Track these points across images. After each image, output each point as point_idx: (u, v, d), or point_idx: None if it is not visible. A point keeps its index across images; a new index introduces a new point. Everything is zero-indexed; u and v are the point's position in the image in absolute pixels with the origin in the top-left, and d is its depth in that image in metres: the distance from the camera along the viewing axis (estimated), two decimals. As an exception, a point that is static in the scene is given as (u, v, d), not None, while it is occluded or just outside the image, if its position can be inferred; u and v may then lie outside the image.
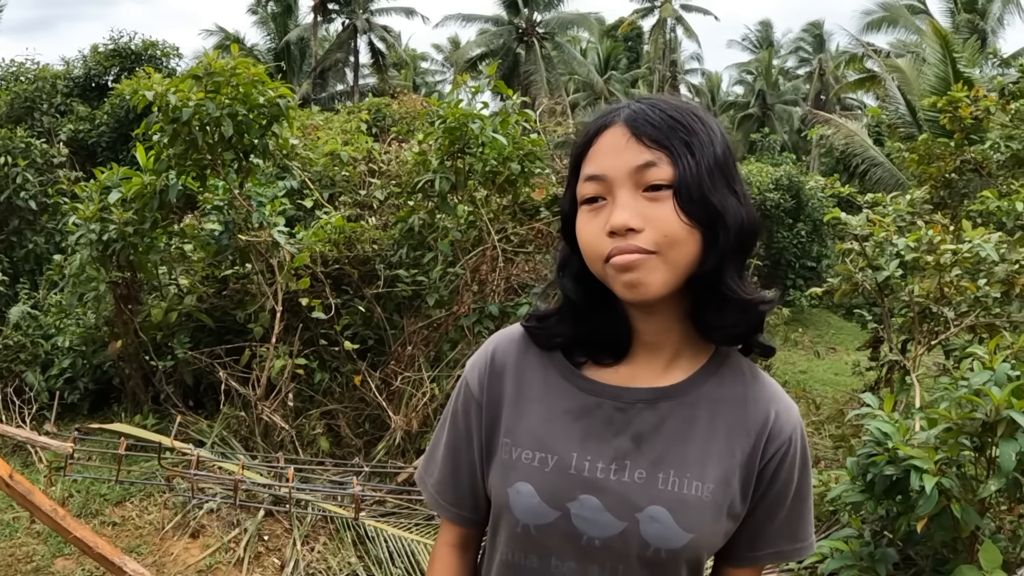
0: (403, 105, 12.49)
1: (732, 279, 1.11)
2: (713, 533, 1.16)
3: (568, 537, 1.15)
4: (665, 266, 1.06)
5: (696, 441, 1.16)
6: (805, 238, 14.97)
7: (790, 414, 1.20)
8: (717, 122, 1.15)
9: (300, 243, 5.89)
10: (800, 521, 1.24)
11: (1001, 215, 5.66)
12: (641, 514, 1.13)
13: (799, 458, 1.20)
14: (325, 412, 5.95)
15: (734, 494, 1.16)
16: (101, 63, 14.00)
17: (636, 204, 1.06)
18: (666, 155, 1.06)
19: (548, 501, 1.15)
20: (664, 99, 1.13)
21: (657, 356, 1.20)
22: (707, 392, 1.18)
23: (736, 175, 1.13)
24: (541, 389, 1.22)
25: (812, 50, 42.59)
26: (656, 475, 1.14)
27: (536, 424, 1.20)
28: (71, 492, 5.10)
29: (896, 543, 3.45)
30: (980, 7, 23.50)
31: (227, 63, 5.51)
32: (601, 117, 1.14)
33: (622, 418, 1.17)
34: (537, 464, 1.17)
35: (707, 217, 1.07)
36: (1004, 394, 2.93)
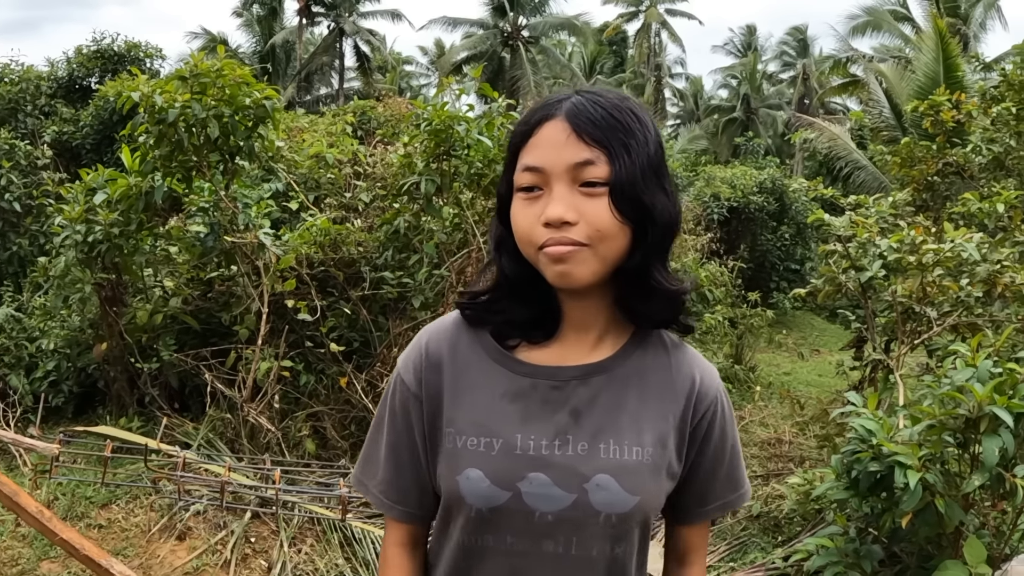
0: (388, 108, 12.49)
1: (658, 271, 1.19)
2: (655, 494, 1.23)
3: (521, 515, 1.19)
4: (595, 258, 1.13)
5: (630, 410, 1.23)
6: (789, 241, 15.03)
7: (712, 376, 1.31)
8: (652, 120, 1.20)
9: (286, 245, 5.88)
10: (737, 471, 1.35)
11: (982, 217, 5.72)
12: (588, 484, 1.18)
13: (728, 417, 1.32)
14: (311, 414, 5.94)
15: (671, 455, 1.25)
16: (84, 64, 13.91)
17: (572, 198, 1.11)
18: (604, 154, 1.11)
19: (498, 483, 1.19)
20: (605, 94, 1.17)
21: (585, 335, 1.25)
22: (634, 364, 1.26)
23: (666, 173, 1.19)
24: (477, 376, 1.25)
25: (796, 54, 42.84)
26: (597, 445, 1.20)
27: (477, 410, 1.23)
28: (56, 495, 5.07)
29: (881, 540, 3.48)
30: (963, 12, 23.71)
31: (213, 64, 5.50)
32: (543, 108, 1.17)
33: (558, 396, 1.22)
34: (483, 449, 1.21)
35: (638, 215, 1.13)
36: (987, 390, 2.97)
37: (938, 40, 11.60)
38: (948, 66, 11.36)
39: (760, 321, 10.30)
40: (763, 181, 14.85)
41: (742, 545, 4.97)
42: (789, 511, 4.96)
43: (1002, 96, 7.06)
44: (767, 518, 5.16)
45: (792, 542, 4.74)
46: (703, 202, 13.91)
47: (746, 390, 9.02)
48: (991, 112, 7.07)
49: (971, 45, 23.01)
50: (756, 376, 9.54)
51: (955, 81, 11.02)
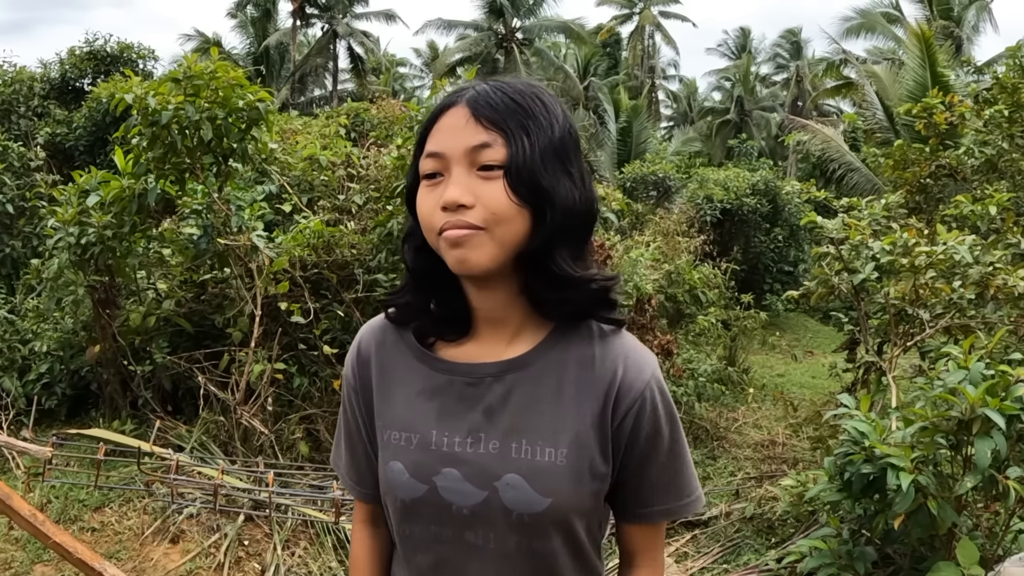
0: (382, 110, 12.46)
1: (562, 258, 1.16)
2: (575, 495, 1.20)
3: (439, 507, 1.22)
4: (492, 242, 1.12)
5: (544, 409, 1.21)
6: (782, 243, 15.05)
7: (641, 370, 1.23)
8: (563, 107, 1.20)
9: (279, 247, 5.87)
10: (680, 476, 1.28)
11: (975, 219, 5.74)
12: (499, 482, 1.19)
13: (661, 413, 1.24)
14: (304, 416, 5.93)
15: (592, 455, 1.20)
16: (77, 66, 13.90)
17: (469, 182, 1.11)
18: (501, 137, 1.11)
19: (416, 476, 1.22)
20: (511, 82, 1.18)
21: (501, 331, 1.25)
22: (552, 359, 1.23)
23: (574, 159, 1.18)
24: (401, 373, 1.29)
25: (789, 57, 42.94)
26: (509, 445, 1.20)
27: (399, 406, 1.27)
28: (49, 498, 5.04)
29: (874, 541, 3.49)
30: (956, 15, 23.79)
31: (207, 66, 5.49)
32: (448, 97, 1.19)
33: (473, 393, 1.23)
34: (404, 443, 1.25)
35: (536, 198, 1.12)
36: (979, 392, 2.98)
37: (923, 45, 11.65)
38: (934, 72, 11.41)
39: (753, 323, 10.31)
40: (756, 183, 14.88)
41: (735, 547, 4.98)
42: (782, 513, 4.97)
43: (994, 99, 7.08)
44: (760, 520, 5.17)
45: (785, 544, 4.75)
46: (696, 204, 13.93)
47: (739, 392, 9.03)
48: (983, 115, 7.10)
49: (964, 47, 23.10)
50: (749, 378, 9.55)
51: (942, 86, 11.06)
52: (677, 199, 15.22)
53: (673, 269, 9.19)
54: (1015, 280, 4.53)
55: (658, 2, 42.23)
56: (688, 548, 4.98)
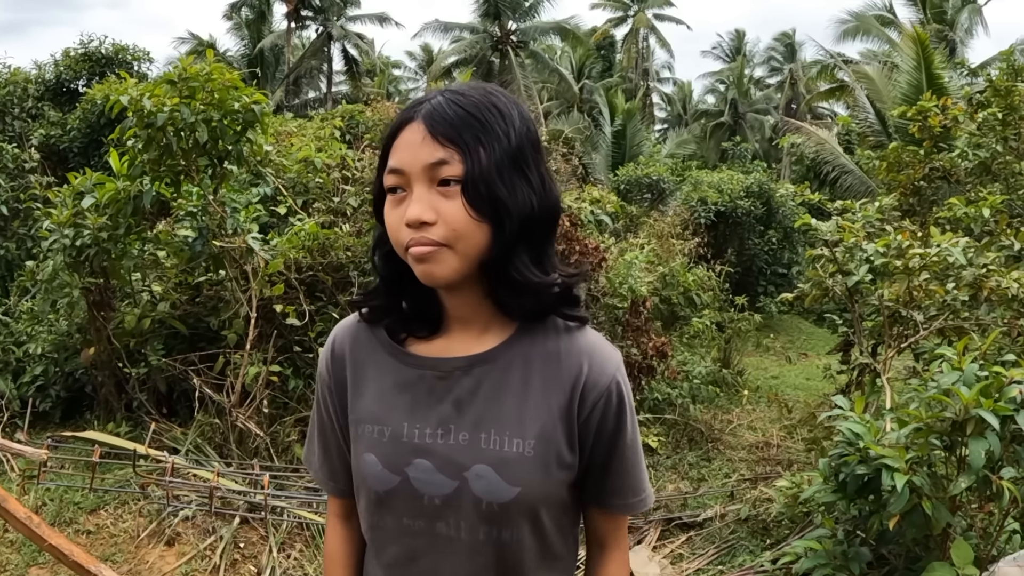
0: (376, 112, 12.47)
1: (522, 264, 1.20)
2: (542, 485, 1.24)
3: (411, 498, 1.25)
4: (456, 256, 1.16)
5: (512, 400, 1.24)
6: (776, 245, 15.09)
7: (606, 365, 1.27)
8: (520, 111, 1.22)
9: (274, 249, 5.87)
10: (635, 470, 1.33)
11: (968, 221, 5.76)
12: (468, 472, 1.22)
13: (626, 406, 1.29)
14: (299, 419, 5.92)
15: (559, 446, 1.24)
16: (72, 67, 13.87)
17: (430, 198, 1.14)
18: (457, 152, 1.13)
19: (388, 467, 1.26)
20: (466, 92, 1.19)
21: (469, 328, 1.29)
22: (519, 352, 1.27)
23: (532, 163, 1.20)
24: (373, 369, 1.33)
25: (783, 59, 43.03)
26: (479, 435, 1.23)
27: (371, 400, 1.31)
28: (44, 500, 5.03)
29: (869, 542, 3.50)
30: (949, 18, 23.88)
31: (202, 68, 5.49)
32: (406, 111, 1.21)
33: (443, 386, 1.26)
34: (376, 436, 1.28)
35: (494, 210, 1.15)
36: (973, 393, 3.00)
37: (919, 47, 11.68)
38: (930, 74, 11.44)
39: (748, 325, 10.33)
40: (750, 185, 14.91)
41: (730, 548, 4.99)
42: (777, 514, 4.99)
43: (988, 102, 7.11)
44: (755, 521, 5.18)
45: (780, 545, 4.76)
46: (690, 206, 13.96)
47: (734, 394, 9.05)
48: (977, 117, 7.12)
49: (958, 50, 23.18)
50: (744, 380, 9.57)
51: (937, 88, 11.09)
52: (671, 201, 15.24)
53: (668, 271, 9.21)
54: (1008, 282, 4.54)
55: (652, 5, 42.31)
56: (683, 550, 4.99)
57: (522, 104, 1.25)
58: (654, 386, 7.33)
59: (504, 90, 1.26)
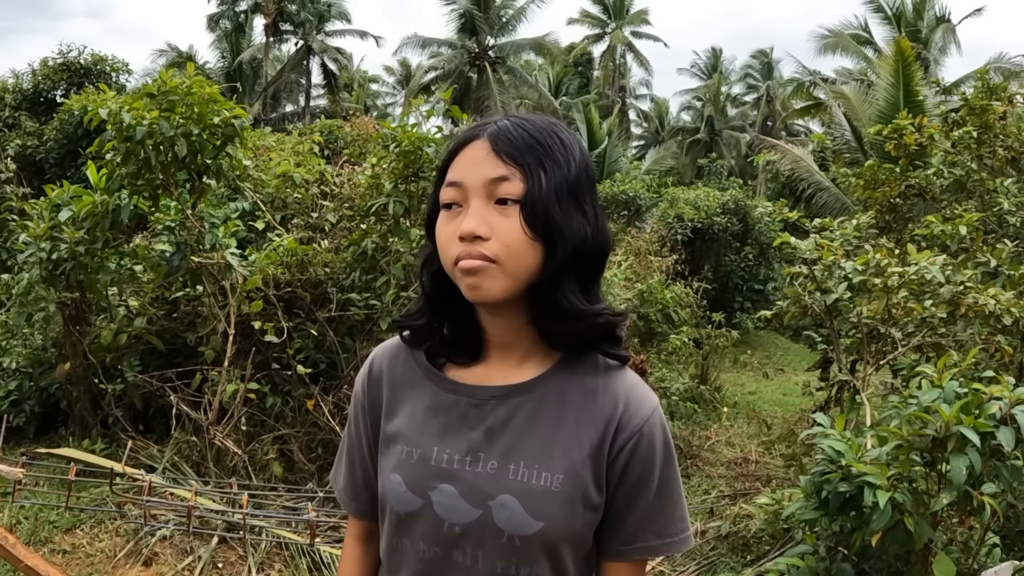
0: (355, 128, 12.46)
1: (570, 291, 1.20)
2: (567, 522, 1.21)
3: (432, 523, 1.24)
4: (504, 274, 1.16)
5: (543, 433, 1.23)
6: (752, 261, 15.20)
7: (641, 405, 1.25)
8: (581, 146, 1.24)
9: (252, 266, 5.83)
10: (667, 515, 1.27)
11: (945, 238, 5.82)
12: (493, 502, 1.21)
13: (658, 451, 1.25)
14: (278, 437, 5.86)
15: (586, 485, 1.22)
16: (50, 77, 13.76)
17: (486, 214, 1.15)
18: (519, 172, 1.15)
19: (413, 489, 1.25)
20: (531, 119, 1.22)
21: (509, 356, 1.28)
22: (556, 386, 1.26)
23: (588, 195, 1.22)
24: (409, 391, 1.33)
25: (760, 77, 43.50)
26: (507, 466, 1.22)
27: (404, 421, 1.31)
28: (19, 519, 4.93)
29: (851, 558, 3.51)
30: (923, 36, 24.26)
31: (182, 82, 5.46)
32: (471, 129, 1.22)
33: (476, 413, 1.26)
34: (404, 457, 1.28)
35: (548, 232, 1.15)
36: (953, 411, 3.02)
37: (898, 64, 11.83)
38: (908, 90, 11.59)
39: (725, 341, 10.39)
40: (726, 202, 15.03)
41: (711, 565, 4.99)
42: (757, 530, 4.99)
43: (963, 120, 7.21)
44: (735, 537, 5.18)
45: (761, 561, 4.77)
46: (667, 223, 14.04)
47: (712, 410, 9.08)
48: (952, 136, 7.22)
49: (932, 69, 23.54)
50: (721, 396, 9.61)
51: (915, 104, 11.24)
52: (647, 218, 15.32)
53: (645, 288, 9.25)
54: (985, 298, 4.59)
55: (629, 22, 42.65)
56: (664, 567, 4.98)
57: (582, 143, 1.26)
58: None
59: (566, 126, 1.27)
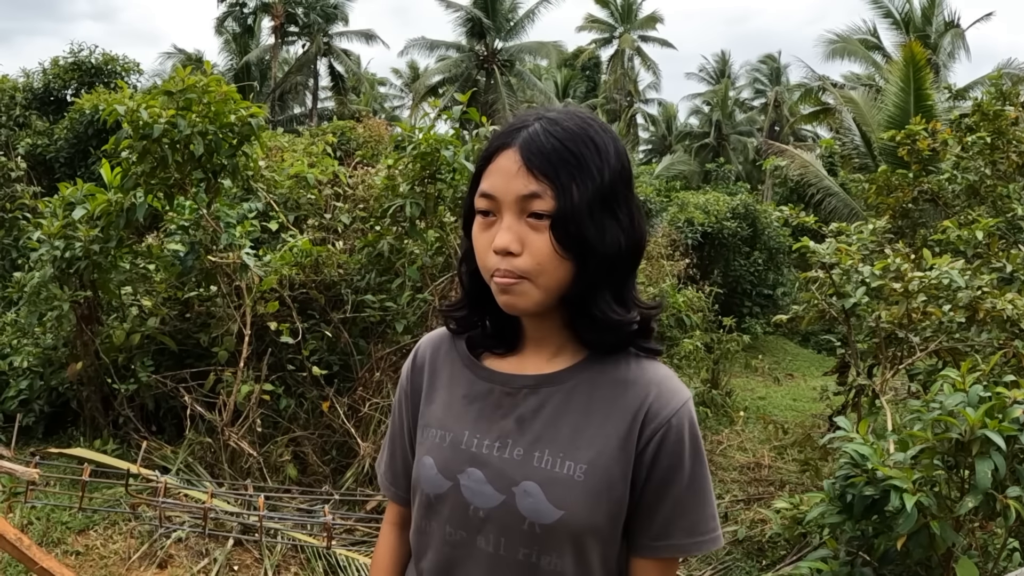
0: (368, 129, 12.47)
1: (604, 301, 1.21)
2: (589, 513, 1.20)
3: (458, 506, 1.27)
4: (537, 289, 1.18)
5: (571, 423, 1.24)
6: (761, 266, 15.16)
7: (672, 397, 1.24)
8: (616, 145, 1.22)
9: (267, 266, 5.82)
10: (697, 513, 1.25)
11: (960, 244, 5.80)
12: (517, 488, 1.22)
13: (686, 445, 1.23)
14: (292, 439, 5.84)
15: (612, 476, 1.22)
16: (61, 76, 13.79)
17: (519, 228, 1.17)
18: (551, 188, 1.14)
19: (443, 472, 1.29)
20: (564, 121, 1.19)
21: (543, 348, 1.31)
22: (587, 377, 1.27)
23: (623, 199, 1.21)
24: (448, 378, 1.37)
25: (768, 82, 43.46)
26: (533, 453, 1.24)
27: (441, 407, 1.35)
28: (30, 519, 4.90)
29: (872, 563, 3.49)
30: (932, 41, 24.22)
31: (199, 79, 5.45)
32: (503, 135, 1.21)
33: (509, 402, 1.28)
34: (438, 441, 1.32)
35: (580, 249, 1.16)
36: (979, 414, 3.01)
37: (908, 68, 11.77)
38: (919, 95, 11.54)
39: (735, 346, 10.36)
40: (736, 207, 15.00)
41: (726, 569, 4.97)
42: (773, 535, 4.97)
43: (976, 126, 7.18)
44: (751, 542, 5.16)
45: (777, 566, 4.74)
46: (678, 227, 14.01)
47: (723, 415, 9.06)
48: (965, 141, 7.19)
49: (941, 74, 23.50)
50: (732, 401, 9.59)
51: (926, 109, 11.19)
52: (656, 222, 15.29)
53: (658, 292, 9.23)
54: (1003, 304, 4.58)
55: (638, 27, 42.64)
56: (680, 571, 4.96)
57: (617, 137, 1.24)
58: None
59: (600, 120, 1.25)
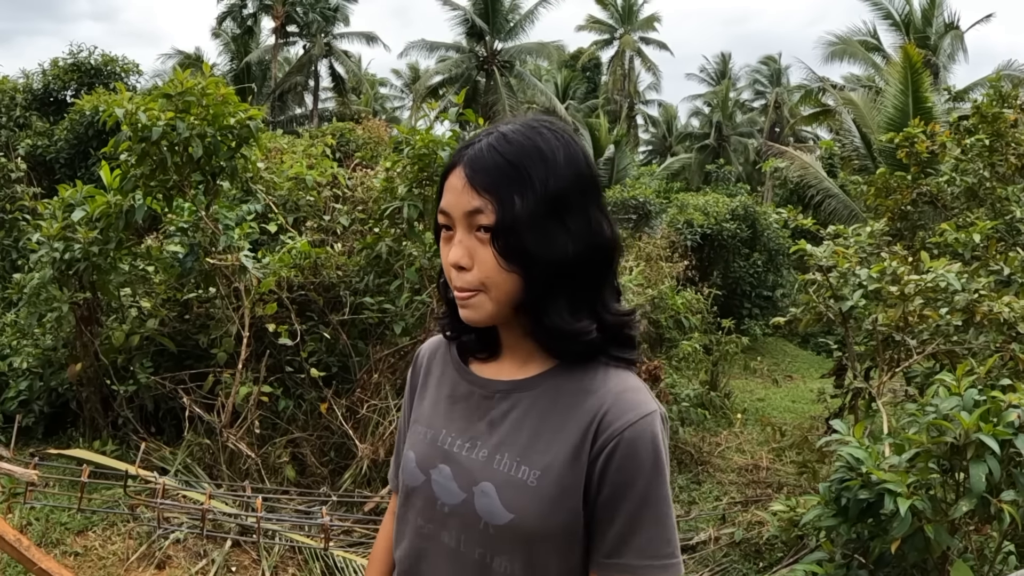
0: (367, 130, 12.47)
1: (555, 311, 1.22)
2: (539, 519, 1.21)
3: (428, 500, 1.33)
4: (491, 301, 1.22)
5: (531, 429, 1.26)
6: (761, 268, 15.16)
7: (629, 410, 1.20)
8: (569, 151, 1.22)
9: (266, 268, 5.83)
10: (650, 533, 1.19)
11: (958, 246, 5.81)
12: (476, 487, 1.26)
13: (642, 461, 1.18)
14: (290, 440, 5.85)
15: (565, 484, 1.21)
16: (60, 77, 13.80)
17: (469, 242, 1.20)
18: (492, 203, 1.17)
19: (420, 466, 1.35)
20: (510, 136, 1.20)
21: (517, 355, 1.34)
22: (554, 384, 1.28)
23: (576, 205, 1.20)
24: (438, 378, 1.44)
25: (769, 83, 43.46)
26: (495, 456, 1.27)
27: (429, 405, 1.42)
28: (30, 520, 4.91)
29: (868, 566, 3.50)
30: (932, 43, 24.22)
31: (197, 82, 5.46)
32: (456, 153, 1.25)
33: (485, 405, 1.33)
34: (421, 436, 1.39)
35: (522, 260, 1.17)
36: (973, 418, 3.02)
37: (907, 70, 11.78)
38: (917, 97, 11.55)
39: (735, 348, 10.37)
40: (735, 208, 15.01)
41: (724, 571, 4.98)
42: (770, 537, 4.98)
43: (975, 127, 7.19)
44: (748, 544, 5.17)
45: (774, 568, 4.75)
46: (677, 228, 14.02)
47: (722, 417, 9.07)
48: (964, 143, 7.20)
49: (941, 75, 23.50)
50: (731, 403, 9.59)
51: (924, 111, 11.20)
52: (656, 224, 15.30)
53: (656, 294, 9.23)
54: (1000, 306, 4.58)
55: (638, 27, 42.65)
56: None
57: (574, 143, 1.24)
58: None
59: (558, 127, 1.25)
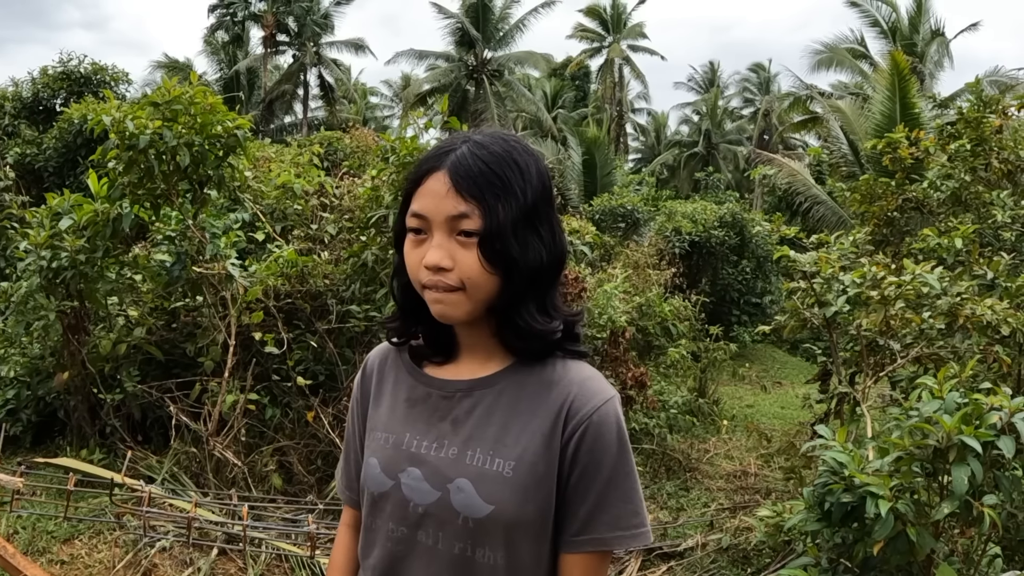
0: (355, 139, 12.48)
1: (527, 312, 1.31)
2: (518, 507, 1.28)
3: (399, 503, 1.36)
4: (468, 300, 1.27)
5: (499, 422, 1.33)
6: (749, 275, 15.22)
7: (593, 396, 1.32)
8: (538, 165, 1.31)
9: (253, 276, 5.83)
10: (619, 508, 1.31)
11: (941, 251, 5.84)
12: (451, 485, 1.31)
13: (608, 441, 1.30)
14: (277, 448, 5.84)
15: (538, 471, 1.30)
16: (50, 85, 13.78)
17: (449, 245, 1.25)
18: (478, 208, 1.23)
19: (385, 471, 1.38)
20: (490, 144, 1.28)
21: (476, 355, 1.40)
22: (516, 380, 1.36)
23: (544, 216, 1.31)
24: (392, 385, 1.47)
25: (757, 91, 43.66)
26: (465, 452, 1.32)
27: (386, 411, 1.45)
28: (16, 528, 4.89)
29: (853, 570, 3.51)
30: (919, 51, 24.40)
31: (185, 91, 5.47)
32: (433, 158, 1.29)
33: (446, 405, 1.38)
34: (382, 442, 1.41)
35: (505, 264, 1.25)
36: (955, 421, 3.04)
37: (894, 77, 11.86)
38: (904, 103, 11.63)
39: (723, 355, 10.40)
40: (724, 216, 15.06)
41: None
42: (758, 543, 4.99)
43: (959, 133, 7.23)
44: (736, 550, 5.18)
45: (762, 573, 4.76)
46: (665, 236, 14.06)
47: (710, 423, 9.08)
48: (948, 149, 7.24)
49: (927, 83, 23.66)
50: (720, 409, 9.61)
51: (911, 117, 11.28)
52: (644, 231, 15.34)
53: (644, 301, 9.26)
54: (983, 309, 4.61)
55: (627, 36, 42.81)
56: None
57: (540, 157, 1.34)
58: (632, 416, 7.33)
59: (524, 142, 1.34)
